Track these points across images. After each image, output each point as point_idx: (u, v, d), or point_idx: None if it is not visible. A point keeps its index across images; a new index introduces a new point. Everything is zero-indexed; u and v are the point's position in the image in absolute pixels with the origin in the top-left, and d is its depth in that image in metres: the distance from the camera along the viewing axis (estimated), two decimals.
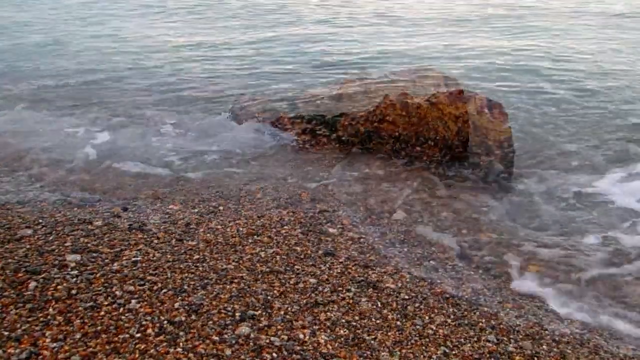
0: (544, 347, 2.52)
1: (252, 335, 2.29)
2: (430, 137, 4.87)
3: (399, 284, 2.92)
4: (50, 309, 2.29)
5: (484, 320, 2.69)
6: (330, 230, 3.50)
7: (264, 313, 2.48)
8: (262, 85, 6.92)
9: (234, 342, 2.23)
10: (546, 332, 2.67)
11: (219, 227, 3.35)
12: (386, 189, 4.19)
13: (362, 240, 3.41)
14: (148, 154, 4.81)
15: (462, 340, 2.50)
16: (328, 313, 2.58)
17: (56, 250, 2.78)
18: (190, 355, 2.11)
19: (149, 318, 2.30)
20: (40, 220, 3.17)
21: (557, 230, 3.68)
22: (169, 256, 2.88)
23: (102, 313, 2.30)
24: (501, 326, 2.64)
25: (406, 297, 2.80)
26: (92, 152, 4.78)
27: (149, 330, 2.22)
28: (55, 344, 2.08)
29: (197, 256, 2.93)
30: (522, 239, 3.56)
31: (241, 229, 3.34)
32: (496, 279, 3.18)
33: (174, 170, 4.48)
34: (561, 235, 3.63)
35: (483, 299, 2.94)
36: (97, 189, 4.02)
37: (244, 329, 2.33)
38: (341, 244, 3.32)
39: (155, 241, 3.03)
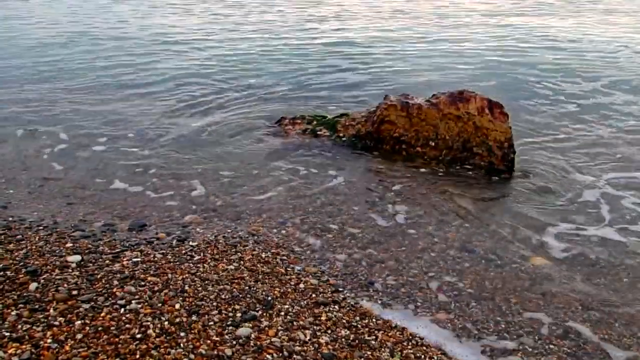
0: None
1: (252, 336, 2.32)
2: (431, 138, 4.87)
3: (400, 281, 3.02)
4: None
5: None
6: (331, 226, 3.62)
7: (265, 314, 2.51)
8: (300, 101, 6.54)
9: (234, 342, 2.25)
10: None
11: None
12: (386, 189, 4.20)
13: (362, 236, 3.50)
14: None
15: None
16: (329, 313, 2.61)
17: None
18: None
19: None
20: None
21: (558, 229, 3.68)
22: None
23: None
24: None
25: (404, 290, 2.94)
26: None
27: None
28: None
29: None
30: (522, 237, 3.56)
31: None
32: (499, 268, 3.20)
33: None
34: (561, 233, 3.63)
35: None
36: None
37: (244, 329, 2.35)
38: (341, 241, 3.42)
39: None
